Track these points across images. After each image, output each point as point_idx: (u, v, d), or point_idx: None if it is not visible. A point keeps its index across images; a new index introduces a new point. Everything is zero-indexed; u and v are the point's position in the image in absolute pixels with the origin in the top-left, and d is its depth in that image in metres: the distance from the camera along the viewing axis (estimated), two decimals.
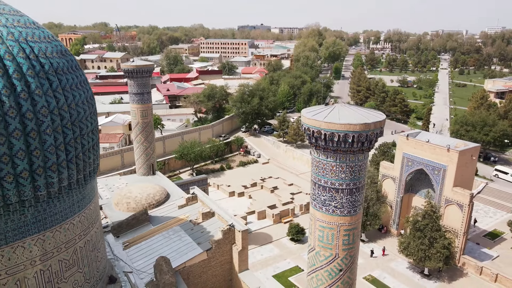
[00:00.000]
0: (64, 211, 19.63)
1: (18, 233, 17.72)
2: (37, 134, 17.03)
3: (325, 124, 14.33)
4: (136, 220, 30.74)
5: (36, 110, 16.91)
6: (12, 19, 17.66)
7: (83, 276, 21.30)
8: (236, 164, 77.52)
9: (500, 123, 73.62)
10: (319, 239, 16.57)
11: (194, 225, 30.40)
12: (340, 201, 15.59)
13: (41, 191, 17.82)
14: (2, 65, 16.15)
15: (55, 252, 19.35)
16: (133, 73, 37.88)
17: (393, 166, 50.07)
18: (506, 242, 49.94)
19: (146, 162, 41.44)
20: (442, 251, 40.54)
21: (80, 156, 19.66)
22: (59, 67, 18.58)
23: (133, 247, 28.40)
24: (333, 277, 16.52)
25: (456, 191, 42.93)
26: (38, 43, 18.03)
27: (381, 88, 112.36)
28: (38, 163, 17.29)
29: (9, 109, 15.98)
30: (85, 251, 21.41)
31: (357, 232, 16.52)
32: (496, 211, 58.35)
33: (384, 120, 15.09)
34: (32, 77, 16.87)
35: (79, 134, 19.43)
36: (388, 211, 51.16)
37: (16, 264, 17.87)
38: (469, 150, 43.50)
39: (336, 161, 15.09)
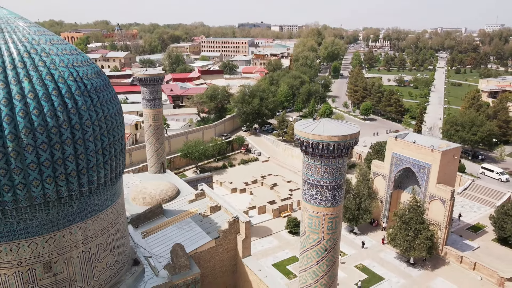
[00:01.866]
0: (100, 203, 23.91)
1: (67, 221, 22.01)
2: (82, 141, 21.25)
3: (312, 135, 18.51)
4: (152, 213, 34.99)
5: (82, 122, 21.12)
6: (61, 48, 21.83)
7: (114, 258, 25.60)
8: (237, 162, 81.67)
9: (488, 124, 77.69)
10: (308, 226, 20.80)
11: (203, 217, 34.66)
12: (325, 195, 19.78)
13: (84, 187, 22.08)
14: (57, 87, 20.34)
15: (94, 237, 23.65)
16: (146, 81, 41.98)
17: (383, 165, 54.21)
18: (487, 234, 54.18)
19: (157, 161, 45.63)
20: (425, 242, 44.74)
21: (113, 158, 23.93)
22: (97, 85, 22.78)
23: (150, 236, 32.67)
24: (320, 256, 20.77)
25: (439, 188, 47.15)
26: (81, 67, 22.21)
27: (377, 88, 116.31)
28: (82, 165, 21.53)
29: (63, 122, 20.20)
30: (116, 237, 25.72)
31: (339, 219, 20.72)
32: (481, 206, 62.53)
33: (358, 132, 19.26)
34: (79, 96, 21.06)
35: (112, 140, 23.68)
36: (379, 206, 55.34)
37: (65, 246, 22.18)
38: (451, 151, 47.71)
39: (321, 164, 19.26)
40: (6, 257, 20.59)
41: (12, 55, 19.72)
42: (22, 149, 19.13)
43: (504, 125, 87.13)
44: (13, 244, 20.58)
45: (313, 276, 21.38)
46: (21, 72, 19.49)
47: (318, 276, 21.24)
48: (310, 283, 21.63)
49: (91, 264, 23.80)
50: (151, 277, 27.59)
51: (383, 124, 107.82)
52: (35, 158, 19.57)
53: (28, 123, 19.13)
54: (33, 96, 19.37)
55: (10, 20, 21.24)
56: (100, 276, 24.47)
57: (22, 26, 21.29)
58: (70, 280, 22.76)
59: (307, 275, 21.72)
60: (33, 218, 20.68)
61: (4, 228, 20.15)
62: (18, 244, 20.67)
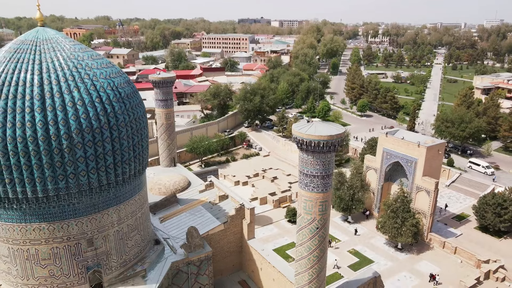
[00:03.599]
0: (130, 191, 28.70)
1: (105, 205, 26.80)
2: (118, 139, 25.98)
3: (306, 135, 23.16)
4: (168, 201, 39.79)
5: (118, 124, 25.82)
6: (100, 62, 26.49)
7: (140, 237, 30.44)
8: (240, 156, 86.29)
9: (476, 120, 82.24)
10: (303, 208, 25.55)
11: (213, 205, 39.47)
12: (317, 183, 24.46)
13: (119, 177, 26.86)
14: (99, 96, 25.02)
15: (125, 219, 28.48)
16: (160, 83, 46.56)
17: (375, 159, 58.92)
18: (470, 223, 59.03)
19: (168, 155, 50.37)
20: (411, 229, 49.54)
21: (140, 153, 28.71)
22: (128, 93, 27.48)
23: (167, 221, 37.48)
24: (313, 232, 25.53)
25: (424, 180, 51.90)
26: (115, 78, 26.89)
27: (373, 86, 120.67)
28: (118, 159, 26.28)
29: (104, 124, 24.91)
30: (141, 220, 30.55)
31: (328, 203, 25.42)
32: (466, 197, 67.32)
33: (343, 133, 23.89)
34: (115, 102, 25.75)
35: (140, 138, 28.43)
36: (371, 197, 60.12)
37: (103, 225, 26.99)
38: (436, 146, 52.40)
39: (314, 158, 23.92)
40: (58, 233, 25.37)
41: (64, 69, 24.33)
42: (74, 146, 23.82)
43: (493, 121, 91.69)
44: (64, 223, 25.35)
45: (307, 249, 26.20)
46: (71, 84, 24.12)
47: (311, 249, 26.06)
48: (305, 255, 26.46)
49: (123, 241, 28.61)
50: (170, 254, 32.42)
51: (379, 121, 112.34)
52: (82, 153, 24.27)
53: (78, 125, 23.79)
54: (81, 103, 24.03)
55: (58, 40, 25.81)
56: (130, 252, 29.30)
57: (68, 45, 25.87)
58: (107, 254, 27.58)
59: (302, 248, 26.54)
60: (80, 202, 25.43)
61: (58, 210, 24.91)
62: (68, 223, 25.44)
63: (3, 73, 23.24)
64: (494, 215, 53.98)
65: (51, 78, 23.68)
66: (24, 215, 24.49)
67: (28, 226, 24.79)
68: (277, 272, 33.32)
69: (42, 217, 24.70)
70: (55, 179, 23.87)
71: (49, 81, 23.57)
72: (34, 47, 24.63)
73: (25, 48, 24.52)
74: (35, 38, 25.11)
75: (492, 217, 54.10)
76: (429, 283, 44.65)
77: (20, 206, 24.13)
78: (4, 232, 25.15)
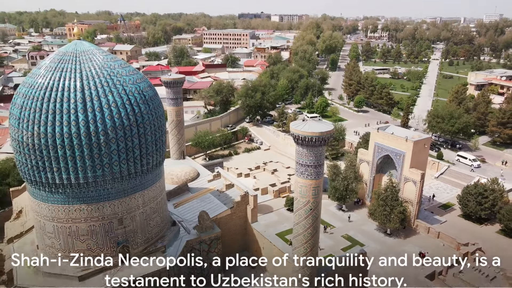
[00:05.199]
0: (152, 179, 33.74)
1: (132, 190, 31.84)
2: (144, 135, 30.95)
3: (301, 132, 28.08)
4: (180, 190, 44.87)
5: (143, 122, 30.77)
6: (128, 70, 31.37)
7: (160, 219, 35.57)
8: (242, 150, 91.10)
9: (465, 116, 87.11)
10: (299, 193, 30.57)
11: (220, 193, 44.54)
12: (310, 172, 29.43)
13: (144, 167, 31.88)
14: (128, 99, 29.93)
15: (148, 202, 33.55)
16: (171, 84, 51.38)
17: (368, 152, 63.85)
18: (454, 211, 64.06)
19: (178, 149, 55.36)
20: (398, 216, 54.58)
21: (160, 147, 33.74)
22: (151, 95, 32.41)
23: (180, 206, 42.58)
24: (307, 213, 30.58)
25: (411, 171, 56.90)
26: (141, 83, 31.82)
27: (370, 82, 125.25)
28: (143, 151, 31.29)
29: (133, 122, 29.86)
30: (161, 204, 35.65)
31: (320, 188, 30.38)
32: (453, 188, 72.26)
33: (332, 129, 28.83)
34: (141, 104, 30.68)
35: (160, 134, 33.42)
36: (363, 188, 65.14)
37: (131, 208, 32.06)
38: (422, 141, 57.36)
39: (308, 151, 28.84)
40: (95, 213, 30.44)
41: (100, 77, 29.20)
42: (109, 141, 28.78)
43: (482, 117, 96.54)
44: (100, 205, 30.42)
45: (302, 227, 31.30)
46: (106, 89, 29.00)
47: (306, 227, 31.16)
48: (300, 232, 31.57)
49: (146, 221, 33.69)
50: (185, 235, 37.54)
51: (374, 116, 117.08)
52: (116, 147, 29.24)
53: (112, 124, 28.73)
54: (114, 105, 28.94)
55: (93, 52, 30.65)
56: (152, 231, 34.41)
57: (101, 56, 30.72)
58: (133, 232, 32.69)
59: (298, 227, 31.64)
60: (113, 187, 30.45)
61: (95, 194, 29.95)
62: (102, 205, 30.50)
63: (51, 80, 28.12)
64: (476, 203, 59.02)
65: (89, 84, 28.57)
66: (67, 198, 29.55)
67: (71, 207, 29.86)
68: (277, 249, 38.49)
69: (82, 200, 29.75)
70: (94, 168, 28.86)
71: (88, 87, 28.46)
72: (74, 58, 29.48)
73: (67, 59, 29.36)
74: (74, 50, 29.94)
75: (474, 206, 59.16)
76: (412, 263, 49.75)
77: (65, 190, 29.16)
78: (50, 212, 30.23)
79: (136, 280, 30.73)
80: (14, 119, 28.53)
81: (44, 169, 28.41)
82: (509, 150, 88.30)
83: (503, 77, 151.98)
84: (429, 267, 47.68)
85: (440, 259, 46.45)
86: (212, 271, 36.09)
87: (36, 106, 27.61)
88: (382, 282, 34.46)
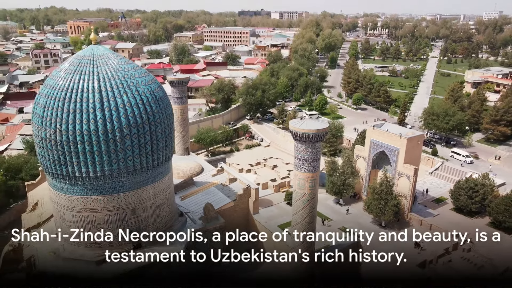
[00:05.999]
0: (162, 172, 36.56)
1: (144, 182, 34.70)
2: (155, 132, 33.76)
3: (299, 129, 30.85)
4: (186, 183, 47.72)
5: (155, 120, 33.57)
6: (140, 72, 34.15)
7: (169, 209, 38.46)
8: (243, 147, 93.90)
9: (459, 114, 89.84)
10: (297, 185, 33.39)
11: (224, 186, 47.42)
12: (307, 166, 32.23)
13: (155, 161, 34.69)
14: (141, 99, 32.70)
15: (158, 194, 36.41)
16: (176, 83, 54.13)
17: (364, 149, 66.56)
18: (447, 205, 66.83)
19: (183, 145, 58.18)
20: (392, 209, 57.41)
21: (170, 143, 36.56)
22: (161, 96, 35.19)
23: (187, 199, 45.46)
24: (305, 203, 33.42)
25: (405, 167, 59.67)
26: (152, 84, 34.61)
27: (368, 80, 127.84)
28: (154, 147, 34.10)
29: (145, 120, 32.65)
30: (169, 196, 38.51)
31: (316, 181, 33.20)
32: (446, 183, 75.01)
33: (327, 127, 31.61)
34: (153, 103, 33.47)
35: (169, 131, 36.23)
36: (360, 182, 67.92)
37: (143, 199, 34.92)
38: (415, 137, 60.10)
39: (305, 146, 31.61)
40: (111, 204, 33.30)
41: (115, 79, 31.95)
42: (123, 137, 31.57)
43: (476, 114, 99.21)
44: (115, 196, 33.26)
45: (300, 217, 34.16)
46: (121, 90, 31.76)
47: (303, 217, 34.03)
48: (298, 221, 34.44)
49: (157, 212, 36.55)
50: (191, 224, 40.41)
51: (372, 113, 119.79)
52: (130, 143, 32.04)
53: (127, 122, 31.50)
54: (129, 105, 31.71)
55: (108, 55, 33.37)
56: (161, 220, 37.27)
57: (116, 60, 33.46)
58: (145, 221, 35.55)
59: (297, 216, 34.49)
60: (127, 180, 33.28)
61: (111, 186, 32.79)
62: (118, 196, 33.34)
63: (72, 82, 30.88)
64: (467, 197, 61.82)
65: (106, 85, 31.32)
66: (86, 189, 32.39)
67: (89, 198, 32.71)
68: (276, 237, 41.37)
69: (99, 191, 32.59)
70: (110, 162, 31.68)
71: (105, 88, 31.22)
72: (91, 61, 32.21)
73: (85, 62, 32.10)
74: (91, 54, 32.67)
75: (465, 200, 61.96)
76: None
77: (83, 182, 32.00)
78: (69, 202, 33.08)
79: (146, 265, 33.56)
80: (37, 118, 31.29)
81: (65, 163, 31.21)
82: (502, 147, 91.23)
83: (499, 75, 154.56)
84: (420, 256, 50.67)
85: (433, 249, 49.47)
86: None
87: (58, 105, 30.37)
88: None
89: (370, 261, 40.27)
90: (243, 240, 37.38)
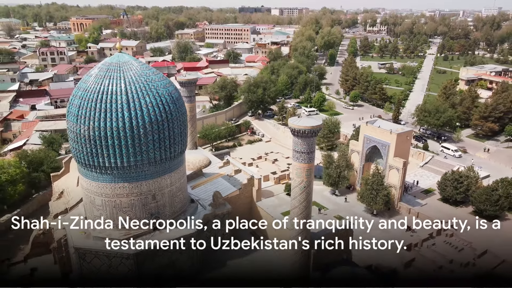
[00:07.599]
0: (178, 163, 41.83)
1: (163, 172, 39.96)
2: (172, 129, 38.95)
3: (297, 126, 36.11)
4: (195, 174, 53.02)
5: (172, 118, 38.75)
6: (159, 77, 39.32)
7: (183, 196, 43.80)
8: (245, 142, 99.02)
9: (449, 111, 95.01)
10: (295, 174, 38.72)
11: (230, 177, 52.74)
12: (304, 157, 37.49)
13: (172, 154, 39.93)
14: (161, 100, 37.89)
15: (174, 182, 41.71)
16: (186, 83, 59.23)
17: (358, 143, 71.92)
18: (434, 196, 72.16)
19: (191, 140, 63.34)
20: (383, 198, 62.83)
21: (184, 138, 41.77)
22: (177, 96, 40.36)
23: (196, 188, 50.79)
24: (302, 190, 38.73)
25: (395, 160, 65.00)
26: (169, 87, 39.78)
27: (365, 78, 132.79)
28: (172, 141, 39.32)
29: (164, 118, 37.85)
30: (183, 184, 43.83)
31: (311, 170, 38.47)
32: (435, 176, 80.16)
33: (320, 124, 36.86)
34: (171, 103, 38.65)
35: (184, 128, 41.43)
36: (354, 175, 73.30)
37: (162, 186, 40.22)
38: (405, 133, 65.41)
39: (302, 140, 36.87)
40: (135, 190, 38.63)
41: (139, 82, 37.11)
42: (146, 133, 36.81)
43: (467, 111, 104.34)
44: (138, 183, 38.57)
45: (298, 201, 39.50)
46: (144, 92, 36.95)
47: (301, 202, 39.39)
48: (296, 206, 39.80)
49: (173, 198, 41.86)
50: (202, 210, 45.73)
51: (369, 110, 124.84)
52: (151, 137, 37.28)
53: (149, 119, 36.72)
54: (151, 105, 36.91)
55: (132, 62, 38.51)
56: (177, 206, 42.60)
57: (138, 66, 38.60)
58: (163, 206, 40.88)
59: (294, 201, 39.85)
60: (148, 170, 38.57)
61: (135, 175, 38.09)
62: (140, 184, 38.65)
63: (102, 86, 36.08)
64: (452, 188, 67.18)
65: (131, 88, 36.51)
66: (114, 178, 37.70)
67: (116, 185, 38.03)
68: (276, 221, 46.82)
69: (125, 179, 37.91)
70: (135, 154, 36.95)
71: (130, 90, 36.41)
72: (118, 67, 37.37)
73: (112, 68, 37.26)
74: (117, 61, 37.82)
75: (451, 190, 67.33)
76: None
77: (112, 172, 37.29)
78: (99, 189, 38.41)
79: (166, 243, 38.89)
80: (72, 116, 36.49)
81: (97, 155, 36.44)
82: (490, 142, 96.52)
83: (492, 72, 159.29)
84: (408, 239, 56.28)
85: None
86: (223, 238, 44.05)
87: (91, 106, 35.57)
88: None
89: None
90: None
